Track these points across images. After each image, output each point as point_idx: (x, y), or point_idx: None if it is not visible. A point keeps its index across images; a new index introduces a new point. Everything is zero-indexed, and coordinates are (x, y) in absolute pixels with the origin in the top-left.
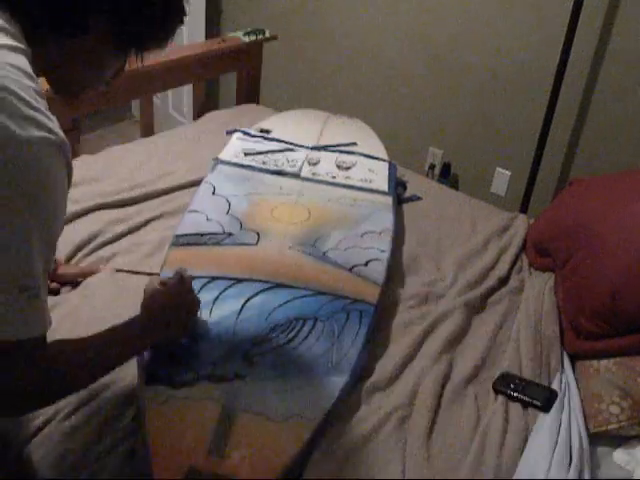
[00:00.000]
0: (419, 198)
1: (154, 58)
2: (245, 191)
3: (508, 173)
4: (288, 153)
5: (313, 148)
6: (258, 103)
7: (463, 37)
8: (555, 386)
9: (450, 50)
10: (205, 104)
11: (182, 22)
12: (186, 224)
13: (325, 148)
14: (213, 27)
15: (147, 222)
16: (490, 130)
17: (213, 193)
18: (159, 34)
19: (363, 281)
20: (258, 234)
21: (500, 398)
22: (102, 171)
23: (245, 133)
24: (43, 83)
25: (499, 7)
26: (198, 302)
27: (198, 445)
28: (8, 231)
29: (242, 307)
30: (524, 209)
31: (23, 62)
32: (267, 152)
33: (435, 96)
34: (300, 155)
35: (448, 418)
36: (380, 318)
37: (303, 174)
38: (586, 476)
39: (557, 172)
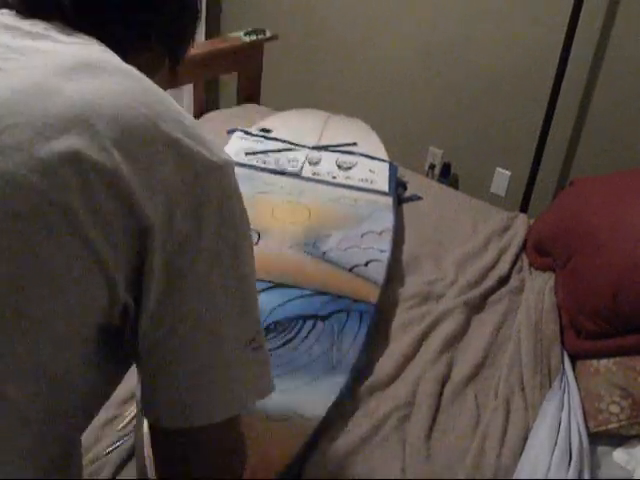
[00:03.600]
0: (419, 198)
1: None
2: (245, 190)
3: (508, 173)
4: (289, 153)
5: (314, 148)
6: (259, 103)
7: (463, 37)
8: (556, 385)
9: (450, 50)
10: (205, 104)
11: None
12: None
13: (326, 148)
14: (213, 27)
15: None
16: (490, 130)
17: None
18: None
19: (363, 281)
20: (258, 233)
21: (500, 397)
22: None
23: (246, 133)
24: None
25: (499, 7)
26: None
27: None
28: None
29: None
30: (524, 209)
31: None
32: (268, 152)
33: (435, 96)
34: (301, 155)
35: (448, 418)
36: (380, 318)
37: (304, 174)
38: (586, 476)
39: (557, 172)
